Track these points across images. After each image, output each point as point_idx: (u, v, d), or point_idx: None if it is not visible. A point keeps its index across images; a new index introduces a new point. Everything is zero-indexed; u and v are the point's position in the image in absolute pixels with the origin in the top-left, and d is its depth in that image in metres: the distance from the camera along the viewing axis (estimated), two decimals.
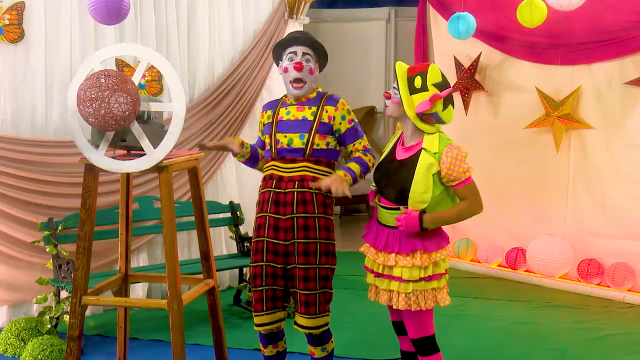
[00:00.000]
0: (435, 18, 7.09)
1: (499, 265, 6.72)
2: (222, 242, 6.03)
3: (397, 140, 3.37)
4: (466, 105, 6.80)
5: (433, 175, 3.14)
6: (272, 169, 3.50)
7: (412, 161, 3.19)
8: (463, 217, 3.25)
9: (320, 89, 3.63)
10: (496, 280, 6.53)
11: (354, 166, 3.48)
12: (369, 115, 9.51)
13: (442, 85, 3.16)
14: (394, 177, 3.23)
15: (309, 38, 3.54)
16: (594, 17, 5.83)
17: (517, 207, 6.53)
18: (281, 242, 3.48)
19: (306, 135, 3.45)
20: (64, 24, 4.97)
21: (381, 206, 3.30)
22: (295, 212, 3.43)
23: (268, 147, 3.54)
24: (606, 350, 4.76)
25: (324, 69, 3.68)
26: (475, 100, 6.81)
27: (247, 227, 5.85)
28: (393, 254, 3.22)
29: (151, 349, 4.69)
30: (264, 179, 3.55)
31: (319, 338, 3.60)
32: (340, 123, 3.51)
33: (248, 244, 5.54)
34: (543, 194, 6.43)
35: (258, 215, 3.55)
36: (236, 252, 5.68)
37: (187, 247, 5.85)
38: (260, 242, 3.51)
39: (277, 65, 3.62)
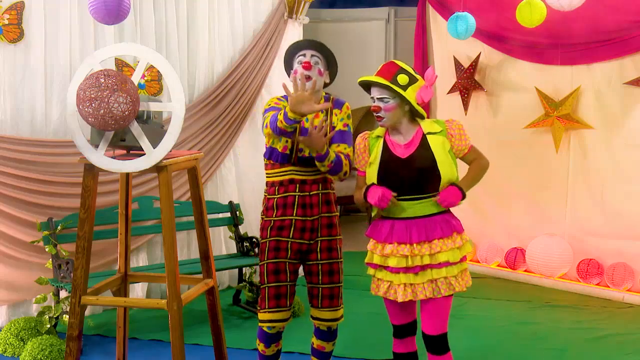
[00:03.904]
0: (434, 18, 7.09)
1: (498, 265, 6.72)
2: (222, 242, 6.03)
3: (385, 146, 3.34)
4: (466, 105, 6.80)
5: (448, 151, 3.29)
6: (292, 173, 3.50)
7: (422, 148, 3.27)
8: (481, 174, 3.42)
9: (324, 93, 3.62)
10: (495, 280, 6.53)
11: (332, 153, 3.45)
12: (368, 115, 9.49)
13: (416, 72, 3.33)
14: (416, 170, 3.25)
15: (317, 42, 3.56)
16: (594, 17, 5.83)
17: (516, 207, 6.53)
18: (306, 242, 3.54)
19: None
20: (63, 24, 4.97)
21: (407, 200, 3.28)
22: (320, 212, 3.55)
23: (287, 152, 3.47)
24: (606, 350, 4.76)
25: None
26: (475, 100, 6.81)
27: (247, 227, 5.85)
28: (435, 240, 3.25)
29: (150, 348, 4.69)
30: (282, 183, 3.52)
31: (335, 332, 3.71)
32: (337, 122, 3.59)
33: (247, 244, 5.54)
34: (542, 194, 6.43)
35: (278, 218, 3.52)
36: (235, 252, 5.68)
37: (187, 247, 5.85)
38: (283, 242, 3.52)
39: (289, 76, 3.56)
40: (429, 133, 3.29)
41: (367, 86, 3.34)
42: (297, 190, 3.51)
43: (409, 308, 3.41)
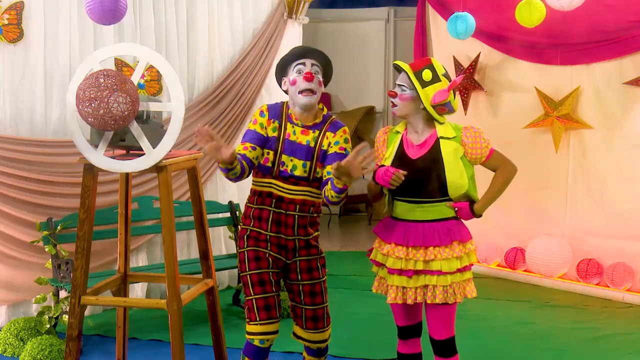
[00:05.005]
0: (434, 18, 7.09)
1: (498, 265, 6.72)
2: (222, 242, 6.03)
3: (400, 143, 3.33)
4: (465, 105, 6.80)
5: (461, 158, 3.22)
6: (272, 187, 3.37)
7: (433, 152, 3.22)
8: (505, 186, 3.34)
9: (325, 112, 3.47)
10: (495, 280, 6.53)
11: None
12: (368, 115, 9.50)
13: (448, 75, 3.26)
14: (422, 173, 3.22)
15: (318, 50, 3.41)
16: (593, 17, 5.83)
17: (516, 207, 6.52)
18: (283, 258, 3.43)
19: (308, 163, 3.34)
20: (63, 24, 4.97)
21: (410, 202, 3.26)
22: (296, 234, 3.40)
23: (268, 164, 3.36)
24: (605, 350, 4.76)
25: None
26: (475, 100, 6.81)
27: None
28: (431, 247, 3.21)
29: (150, 348, 4.69)
30: (260, 194, 3.40)
31: (325, 349, 3.59)
32: (331, 146, 3.36)
33: None
34: (542, 193, 6.43)
35: (254, 229, 3.41)
36: (235, 252, 5.67)
37: (187, 247, 5.85)
38: (262, 252, 3.40)
39: (280, 83, 3.43)
40: (442, 137, 3.23)
41: (398, 70, 3.32)
42: (272, 206, 3.37)
43: (414, 310, 3.38)
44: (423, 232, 3.23)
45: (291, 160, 3.34)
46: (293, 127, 3.37)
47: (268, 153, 3.35)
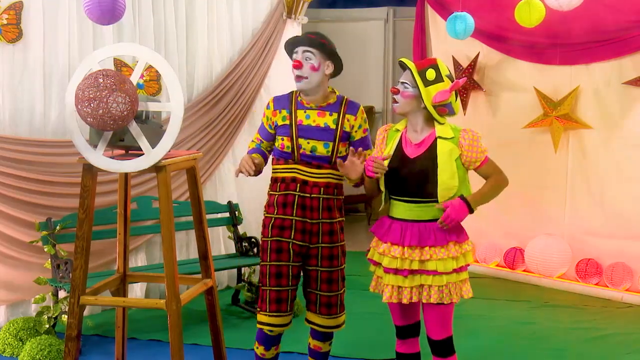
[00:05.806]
0: (433, 18, 7.09)
1: (497, 265, 6.72)
2: (221, 241, 6.03)
3: (399, 142, 3.33)
4: (464, 105, 6.80)
5: (455, 160, 3.22)
6: (295, 172, 3.48)
7: (431, 152, 3.22)
8: (496, 190, 3.34)
9: (338, 92, 3.61)
10: (494, 280, 6.53)
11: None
12: (367, 115, 9.49)
13: (451, 77, 3.27)
14: (419, 172, 3.22)
15: (308, 37, 3.50)
16: (593, 17, 5.83)
17: (515, 207, 6.52)
18: (306, 244, 3.51)
19: (331, 144, 3.47)
20: (62, 24, 4.97)
21: (407, 201, 3.26)
22: (321, 217, 3.50)
23: (287, 150, 3.47)
24: (605, 350, 4.76)
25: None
26: (474, 100, 6.81)
27: (246, 227, 5.84)
28: (427, 247, 3.21)
29: (149, 348, 4.68)
30: (283, 180, 3.50)
31: (331, 333, 3.69)
32: (356, 131, 3.57)
33: (246, 244, 5.53)
34: (541, 193, 6.43)
35: (279, 216, 3.50)
36: (234, 252, 5.68)
37: (186, 247, 5.84)
38: (284, 243, 3.49)
39: None
40: (440, 137, 3.23)
41: (403, 68, 3.33)
42: (297, 190, 3.48)
43: (412, 310, 3.39)
44: (419, 232, 3.23)
45: (308, 142, 3.46)
46: (305, 111, 3.50)
47: (283, 139, 3.49)
